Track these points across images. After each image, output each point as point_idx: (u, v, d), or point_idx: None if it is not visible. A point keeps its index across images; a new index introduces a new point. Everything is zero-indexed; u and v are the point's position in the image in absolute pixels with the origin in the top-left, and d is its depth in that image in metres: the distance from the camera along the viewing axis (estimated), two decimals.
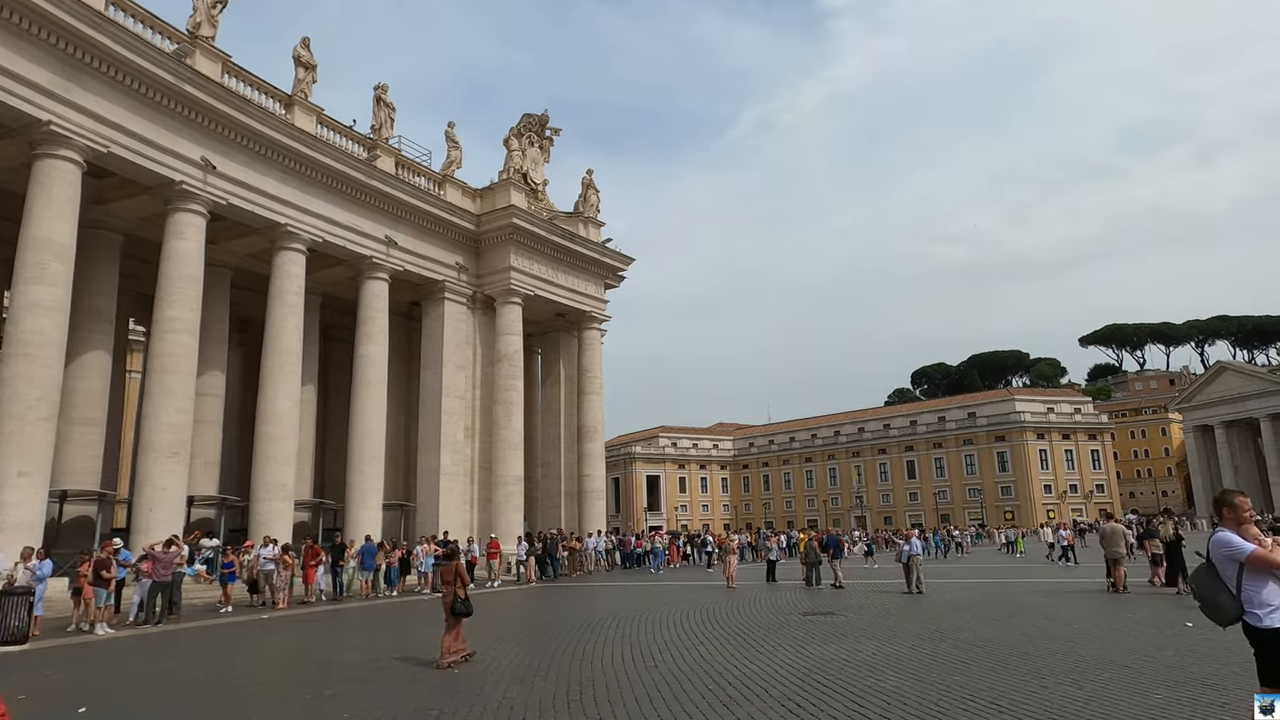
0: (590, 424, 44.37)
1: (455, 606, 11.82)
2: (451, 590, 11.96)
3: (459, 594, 11.88)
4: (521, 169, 42.41)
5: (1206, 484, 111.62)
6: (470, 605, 11.95)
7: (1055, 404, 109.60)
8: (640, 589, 28.01)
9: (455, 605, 11.83)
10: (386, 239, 35.84)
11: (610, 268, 46.31)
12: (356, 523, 33.01)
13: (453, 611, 11.82)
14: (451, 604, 11.84)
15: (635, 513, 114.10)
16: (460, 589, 11.95)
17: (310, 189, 32.60)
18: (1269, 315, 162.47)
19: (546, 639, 14.41)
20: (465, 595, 11.93)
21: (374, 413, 34.63)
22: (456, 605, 11.82)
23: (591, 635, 14.49)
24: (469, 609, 11.88)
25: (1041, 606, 17.57)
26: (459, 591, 11.91)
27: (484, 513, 38.67)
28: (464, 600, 11.87)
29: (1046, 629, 13.65)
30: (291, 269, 31.91)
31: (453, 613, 11.83)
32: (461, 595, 11.88)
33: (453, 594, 11.91)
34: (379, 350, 35.31)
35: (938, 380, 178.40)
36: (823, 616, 16.52)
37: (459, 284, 39.62)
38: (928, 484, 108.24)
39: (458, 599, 11.85)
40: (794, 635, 13.76)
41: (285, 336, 31.21)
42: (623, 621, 16.59)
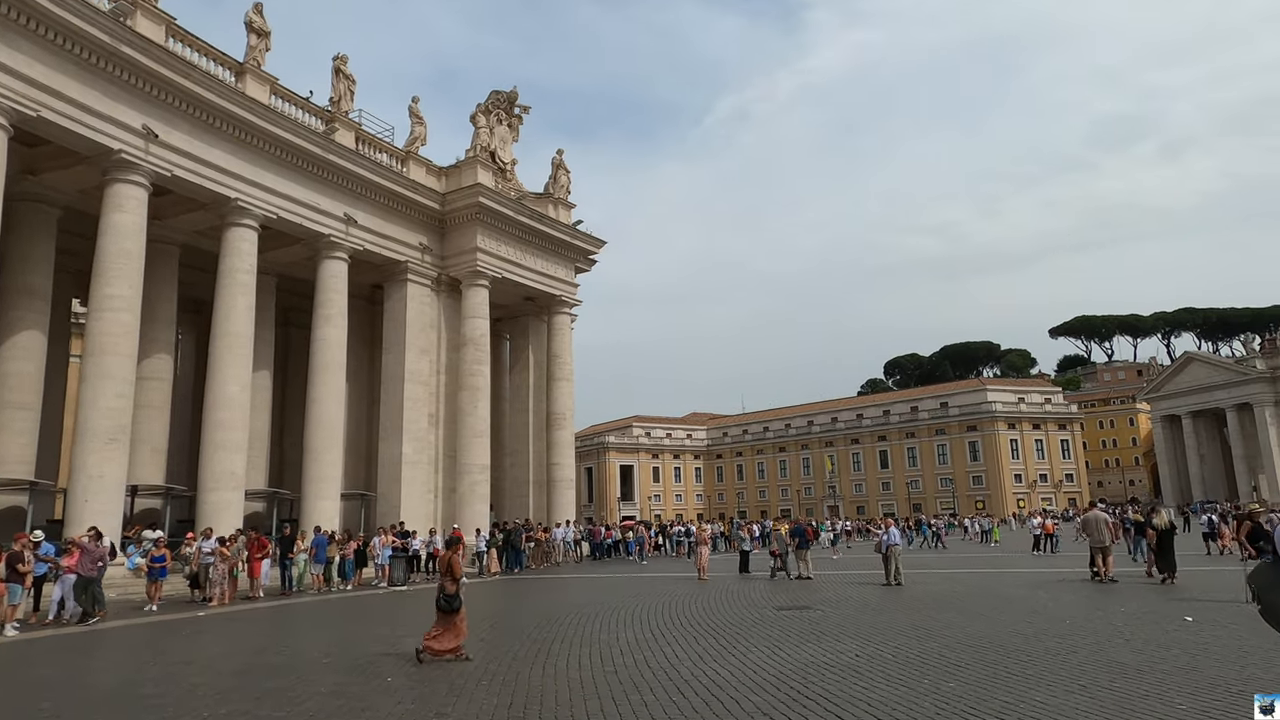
0: (560, 411, 43.12)
1: (438, 601, 11.10)
2: (443, 583, 11.25)
3: (445, 588, 11.09)
4: (489, 147, 40.91)
5: (1173, 473, 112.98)
6: (455, 601, 11.07)
7: (1026, 394, 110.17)
8: (608, 581, 26.92)
9: (438, 600, 11.10)
10: (346, 217, 34.25)
11: (581, 251, 44.99)
12: (313, 513, 31.56)
13: (439, 607, 11.11)
14: (437, 599, 11.16)
15: (609, 503, 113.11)
16: (449, 583, 11.12)
17: (263, 163, 30.92)
18: (1233, 308, 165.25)
19: (498, 638, 13.24)
20: (455, 590, 11.10)
21: (332, 399, 33.12)
22: (439, 600, 11.08)
23: (549, 633, 13.35)
24: (452, 604, 11.03)
25: (1027, 599, 16.71)
26: (446, 585, 11.12)
27: (448, 503, 37.33)
28: (449, 596, 11.05)
29: (1038, 625, 12.73)
30: (242, 246, 30.25)
31: (439, 608, 11.11)
32: (449, 590, 11.06)
33: (440, 588, 11.20)
34: (337, 333, 33.77)
35: (910, 371, 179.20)
36: (798, 611, 15.51)
37: (423, 265, 38.11)
38: (900, 473, 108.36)
39: (442, 593, 11.08)
40: (768, 633, 12.72)
41: (235, 317, 29.58)
42: (585, 617, 15.47)
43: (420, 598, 22.00)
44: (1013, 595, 17.65)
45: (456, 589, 11.06)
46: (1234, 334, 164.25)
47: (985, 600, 16.72)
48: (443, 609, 11.00)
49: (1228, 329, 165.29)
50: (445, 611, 11.01)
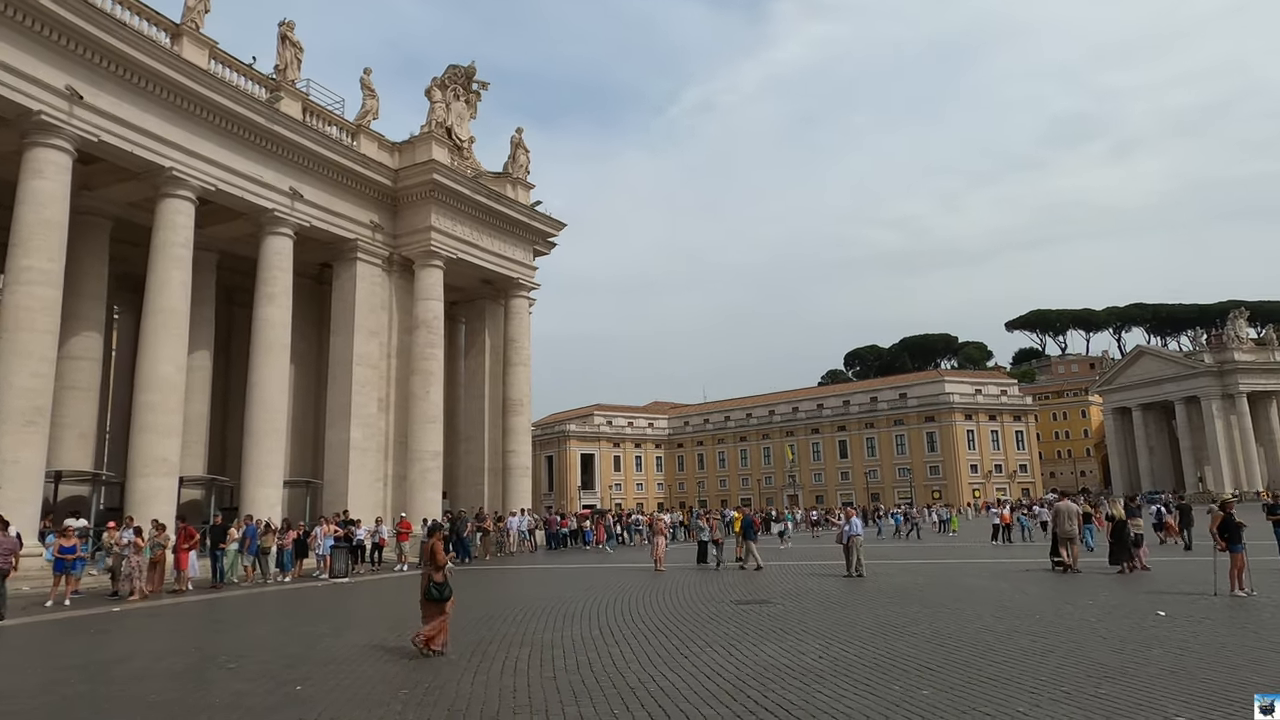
0: (516, 397, 41.94)
1: (427, 591, 10.52)
2: (428, 572, 10.68)
3: (433, 577, 10.53)
4: (445, 123, 39.43)
5: (1123, 465, 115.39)
6: (445, 590, 10.53)
7: (983, 386, 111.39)
8: (561, 572, 25.98)
9: (427, 590, 10.52)
10: (291, 191, 32.60)
11: (540, 233, 43.74)
12: (253, 501, 30.09)
13: (427, 596, 10.54)
14: (425, 589, 10.56)
15: (569, 491, 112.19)
16: (435, 571, 10.56)
17: (202, 131, 29.18)
18: (1181, 304, 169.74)
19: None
20: (443, 579, 10.56)
21: (274, 381, 31.56)
22: (429, 590, 10.50)
23: (486, 633, 12.35)
24: (442, 593, 10.49)
25: (991, 592, 16.14)
26: (433, 575, 10.55)
27: (399, 491, 36.01)
28: (438, 585, 10.49)
29: (1009, 621, 12.08)
30: (178, 219, 28.52)
31: (427, 598, 10.54)
32: (437, 579, 10.49)
33: (427, 577, 10.60)
34: (281, 313, 32.18)
35: (870, 362, 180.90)
36: (757, 606, 14.71)
37: (374, 244, 36.58)
38: (859, 463, 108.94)
39: (431, 583, 10.50)
40: (725, 631, 11.88)
41: (169, 293, 27.89)
42: (529, 613, 14.48)
43: (361, 591, 20.83)
44: (977, 587, 17.08)
45: (445, 577, 10.57)
46: (1181, 329, 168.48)
47: (949, 592, 16.11)
48: (433, 598, 10.46)
49: (1176, 324, 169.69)
50: (436, 601, 10.48)
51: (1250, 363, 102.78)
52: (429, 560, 10.75)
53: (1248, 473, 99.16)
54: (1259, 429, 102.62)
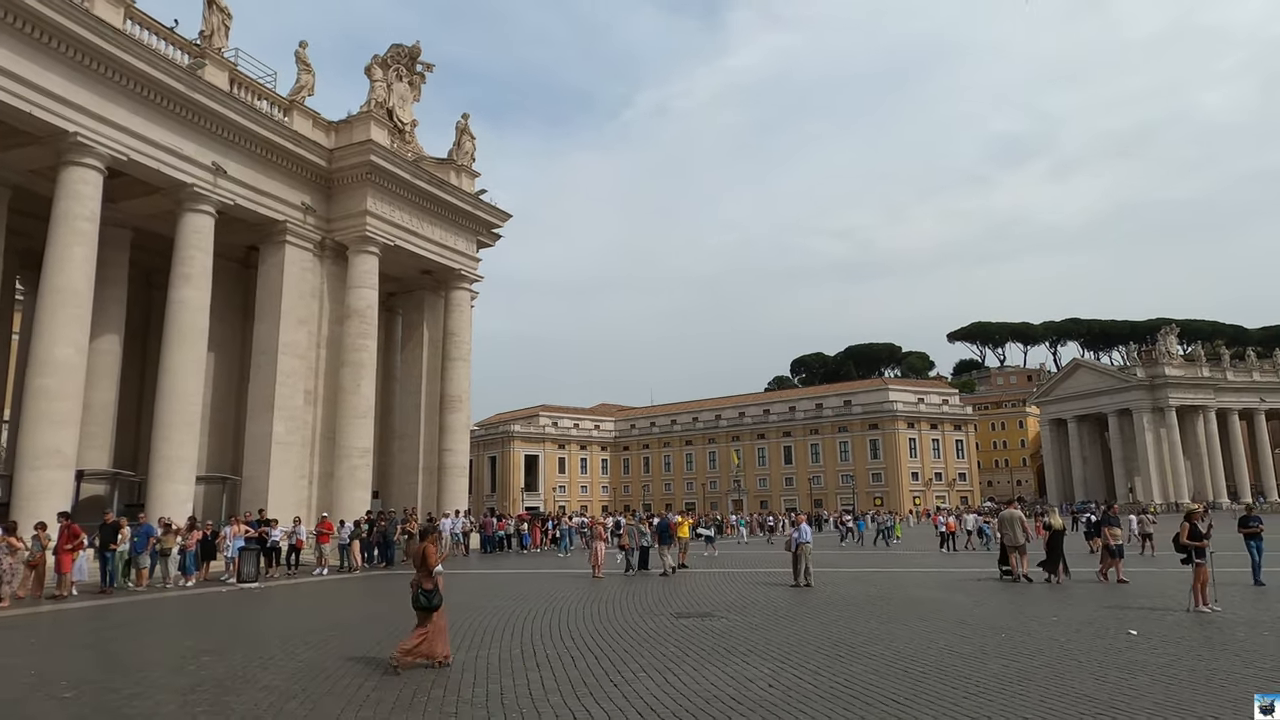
0: (454, 393, 40.14)
1: (416, 599, 9.67)
2: (419, 578, 9.77)
3: (422, 584, 9.67)
4: (385, 103, 37.53)
5: (1058, 474, 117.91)
6: (435, 598, 9.67)
7: (925, 394, 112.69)
8: (491, 579, 24.44)
9: (416, 598, 9.66)
10: (214, 166, 30.42)
11: (484, 223, 42.04)
12: (161, 498, 27.89)
13: (416, 605, 9.70)
14: (414, 597, 9.71)
15: (512, 493, 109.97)
16: (425, 578, 9.68)
17: (113, 96, 26.90)
18: (1114, 320, 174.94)
19: (314, 657, 10.63)
20: (433, 586, 9.69)
21: (188, 369, 29.33)
22: (418, 598, 9.65)
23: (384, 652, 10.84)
24: (431, 601, 9.63)
25: (948, 605, 15.19)
26: (423, 581, 9.68)
27: (325, 489, 33.97)
28: (427, 592, 9.62)
29: (973, 639, 11.06)
30: (82, 189, 26.19)
31: (417, 606, 9.70)
32: (427, 586, 9.65)
33: (416, 584, 9.74)
34: (198, 295, 29.95)
35: (816, 369, 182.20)
36: (699, 620, 13.47)
37: (305, 227, 34.49)
38: (803, 469, 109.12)
39: (420, 590, 9.65)
40: (663, 651, 10.60)
41: (70, 270, 25.56)
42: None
43: (270, 598, 19.01)
44: (931, 599, 16.13)
45: (435, 584, 9.70)
46: (1114, 345, 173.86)
47: (904, 605, 15.11)
48: (422, 607, 9.61)
49: (1109, 340, 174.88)
50: (425, 609, 9.61)
51: (1180, 378, 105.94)
52: (419, 565, 9.79)
53: (1175, 484, 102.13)
54: (1187, 442, 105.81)
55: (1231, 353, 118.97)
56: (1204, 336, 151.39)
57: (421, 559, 9.83)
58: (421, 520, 32.47)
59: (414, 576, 9.84)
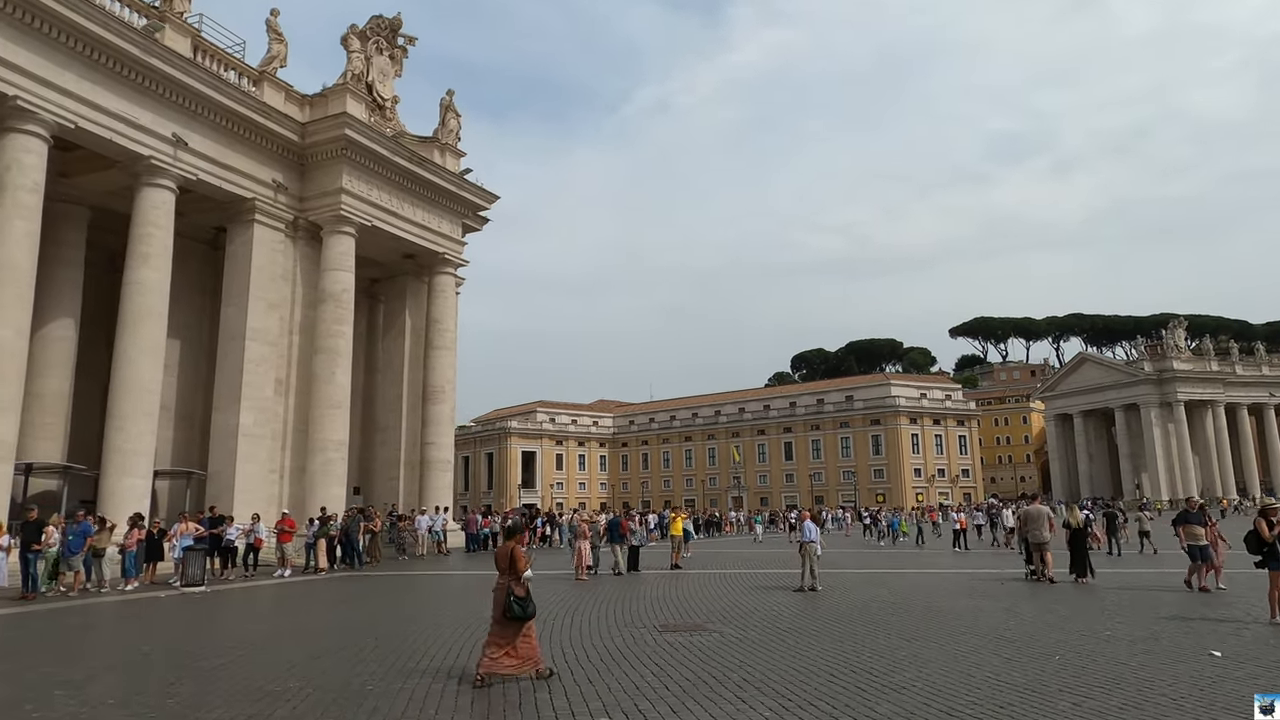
0: (437, 384, 38.07)
1: (508, 607, 8.52)
2: (505, 582, 8.68)
3: (513, 590, 8.58)
4: (364, 76, 35.40)
5: (1063, 470, 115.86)
6: (528, 605, 8.59)
7: (928, 390, 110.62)
8: (462, 581, 22.43)
9: (508, 606, 8.52)
10: (174, 138, 28.33)
11: (469, 204, 39.95)
12: (115, 493, 25.91)
13: (507, 613, 8.54)
14: (503, 603, 8.56)
15: (510, 489, 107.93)
16: (515, 582, 8.63)
17: (59, 58, 24.84)
18: (1117, 315, 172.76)
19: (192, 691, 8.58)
20: (525, 592, 8.63)
21: (146, 356, 27.28)
22: (509, 606, 8.51)
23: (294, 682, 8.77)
24: (525, 609, 8.55)
25: (977, 615, 13.14)
26: (513, 586, 8.61)
27: (297, 484, 31.93)
28: (519, 599, 8.54)
29: (1019, 662, 9.02)
30: (25, 159, 24.14)
31: (507, 614, 8.54)
32: (518, 592, 8.57)
33: (506, 588, 8.63)
34: (157, 276, 27.89)
35: (816, 365, 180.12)
36: (686, 636, 11.41)
37: (275, 205, 32.41)
38: (804, 465, 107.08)
39: (510, 596, 8.56)
40: (639, 681, 8.56)
41: (10, 246, 23.51)
42: (379, 647, 10.95)
43: (212, 605, 16.96)
44: (956, 608, 14.07)
45: (527, 589, 8.69)
46: (1117, 340, 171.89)
47: (927, 617, 13.06)
48: (515, 616, 8.50)
49: (1112, 335, 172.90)
50: (517, 619, 8.52)
51: (1188, 372, 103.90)
52: (507, 568, 8.72)
53: (1183, 480, 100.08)
54: (1195, 438, 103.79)
55: (1239, 347, 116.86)
56: (1209, 332, 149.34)
57: (510, 561, 8.73)
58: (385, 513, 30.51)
59: (499, 580, 8.72)
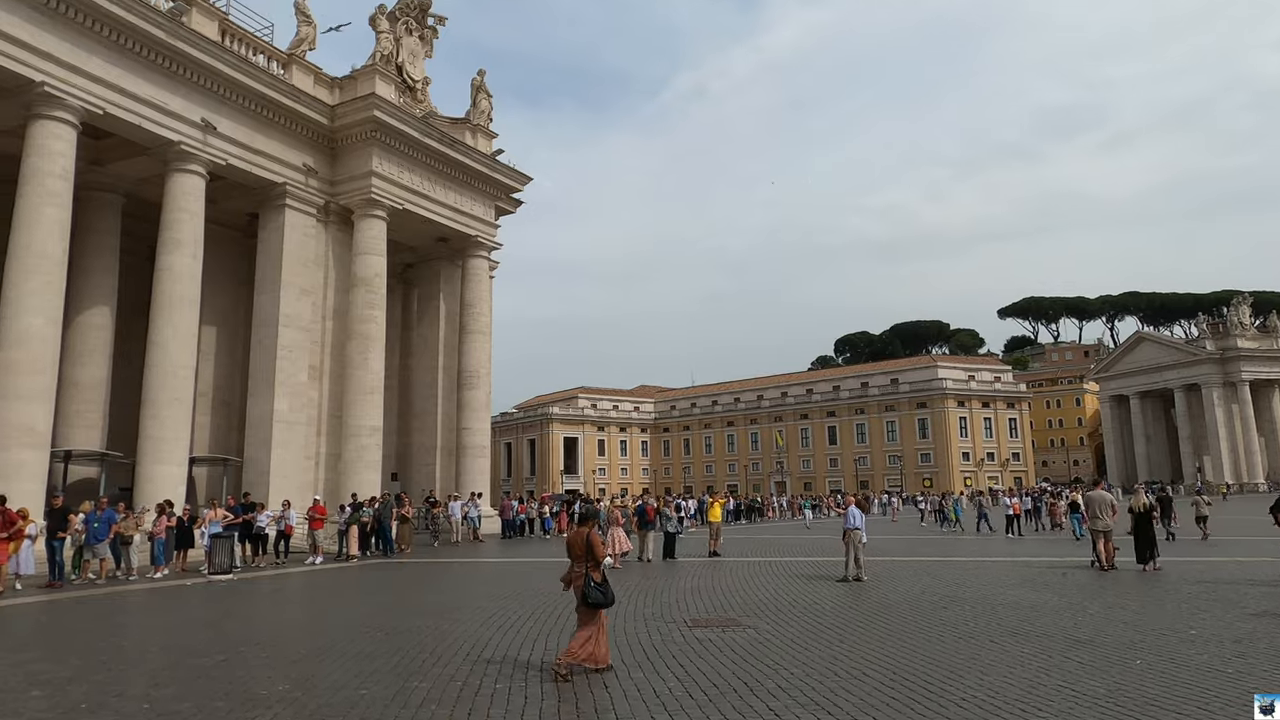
0: (472, 368, 37.61)
1: (587, 594, 8.20)
2: (582, 570, 8.33)
3: (591, 575, 8.25)
4: (393, 57, 34.83)
5: (1119, 453, 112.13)
6: (607, 592, 8.24)
7: (976, 372, 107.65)
8: (494, 569, 21.86)
9: (587, 592, 8.20)
10: (203, 123, 28.09)
11: (502, 186, 39.30)
12: (150, 480, 25.90)
13: (584, 601, 8.24)
14: (582, 590, 8.25)
15: (552, 475, 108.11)
16: (593, 568, 8.30)
17: (87, 43, 24.65)
18: (1175, 293, 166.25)
19: (168, 697, 7.96)
20: (601, 578, 8.30)
21: (178, 342, 27.17)
22: (588, 592, 8.19)
23: (289, 681, 8.12)
24: (604, 597, 8.21)
25: (1041, 610, 12.03)
26: (591, 572, 8.27)
27: (333, 470, 31.76)
28: (599, 586, 8.21)
29: (1096, 668, 7.97)
30: (53, 145, 24.01)
31: (585, 602, 8.25)
32: (597, 578, 8.26)
33: (583, 575, 8.29)
34: (188, 263, 27.73)
35: (861, 348, 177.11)
36: (718, 633, 10.53)
37: (306, 190, 32.10)
38: (849, 449, 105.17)
39: (589, 582, 8.22)
40: (658, 686, 7.71)
41: (39, 234, 23.43)
42: (389, 641, 10.29)
43: (235, 593, 16.58)
44: (1016, 601, 12.95)
45: (604, 576, 8.34)
46: (1175, 319, 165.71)
47: (984, 611, 11.98)
48: (595, 603, 8.17)
49: (1170, 314, 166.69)
50: (596, 606, 8.19)
51: (1254, 350, 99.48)
52: (582, 554, 8.34)
53: (1248, 463, 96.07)
54: (1260, 418, 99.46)
55: None
56: (1275, 308, 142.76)
57: (587, 547, 8.34)
58: (432, 498, 30.12)
59: (574, 568, 8.37)
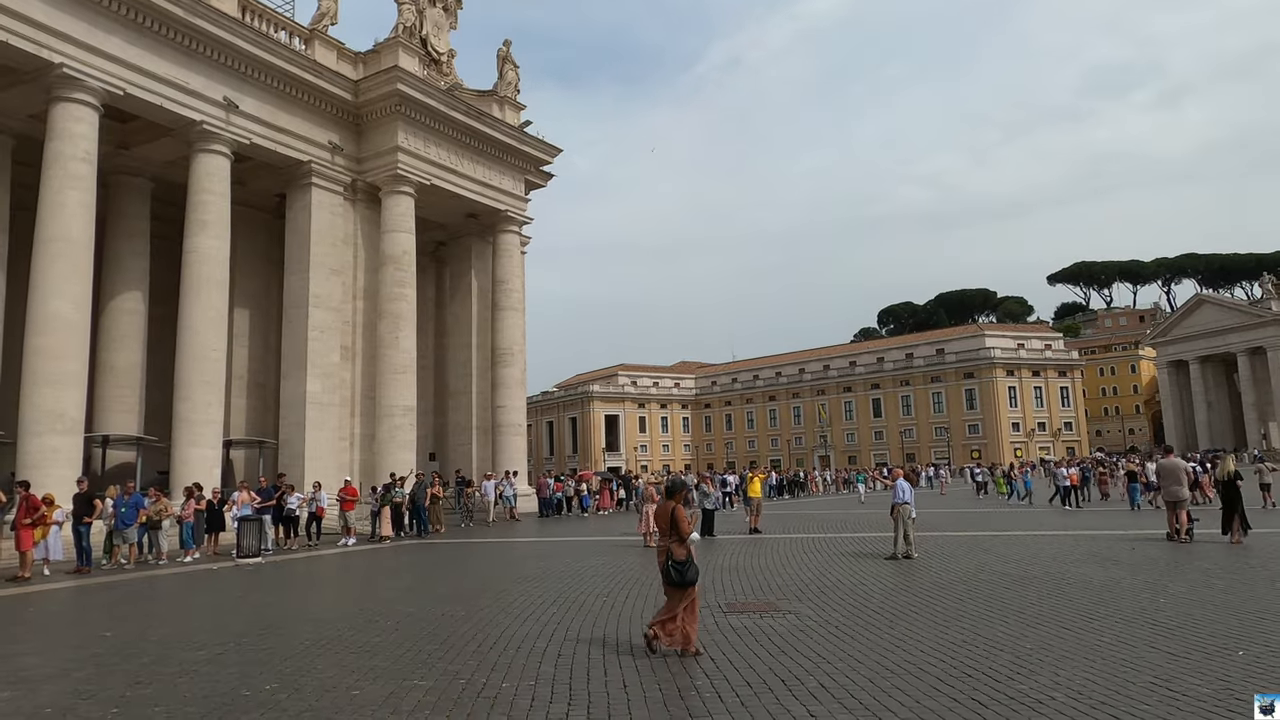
0: (505, 345, 37.03)
1: (669, 572, 7.88)
2: (666, 545, 8.04)
3: (672, 553, 7.90)
4: (416, 29, 34.03)
5: (1178, 421, 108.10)
6: (687, 570, 7.83)
7: (1026, 340, 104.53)
8: (523, 549, 21.23)
9: (668, 570, 7.88)
10: (225, 101, 27.63)
11: (531, 159, 38.42)
12: (186, 463, 25.77)
13: (667, 579, 7.93)
14: (664, 566, 7.96)
15: (593, 453, 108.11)
16: (677, 545, 7.92)
17: (105, 23, 24.25)
18: (1236, 253, 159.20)
19: (144, 697, 7.33)
20: (685, 555, 7.89)
21: (208, 324, 26.93)
22: (670, 570, 7.86)
23: (279, 679, 7.47)
24: (687, 574, 7.80)
25: (1113, 589, 10.93)
26: (674, 549, 7.92)
27: (367, 451, 31.49)
28: (679, 563, 7.82)
29: (1191, 660, 6.94)
30: (75, 128, 23.72)
31: (667, 580, 7.93)
32: (678, 555, 7.87)
33: (665, 553, 7.99)
34: (216, 244, 27.41)
35: (905, 319, 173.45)
36: (755, 618, 9.65)
37: (333, 168, 31.60)
38: (894, 422, 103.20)
39: (670, 559, 7.89)
40: (684, 683, 6.87)
41: (64, 218, 23.21)
42: (399, 631, 9.62)
43: (267, 575, 16.20)
44: (1086, 579, 11.84)
45: (689, 552, 7.95)
46: (1235, 280, 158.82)
47: (1051, 591, 10.93)
48: (673, 582, 7.81)
49: (1229, 275, 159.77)
50: (677, 585, 7.80)
51: None
52: (668, 530, 8.00)
53: None
54: None
55: None
56: None
57: (671, 522, 7.97)
58: (458, 478, 29.65)
59: (660, 543, 8.07)
